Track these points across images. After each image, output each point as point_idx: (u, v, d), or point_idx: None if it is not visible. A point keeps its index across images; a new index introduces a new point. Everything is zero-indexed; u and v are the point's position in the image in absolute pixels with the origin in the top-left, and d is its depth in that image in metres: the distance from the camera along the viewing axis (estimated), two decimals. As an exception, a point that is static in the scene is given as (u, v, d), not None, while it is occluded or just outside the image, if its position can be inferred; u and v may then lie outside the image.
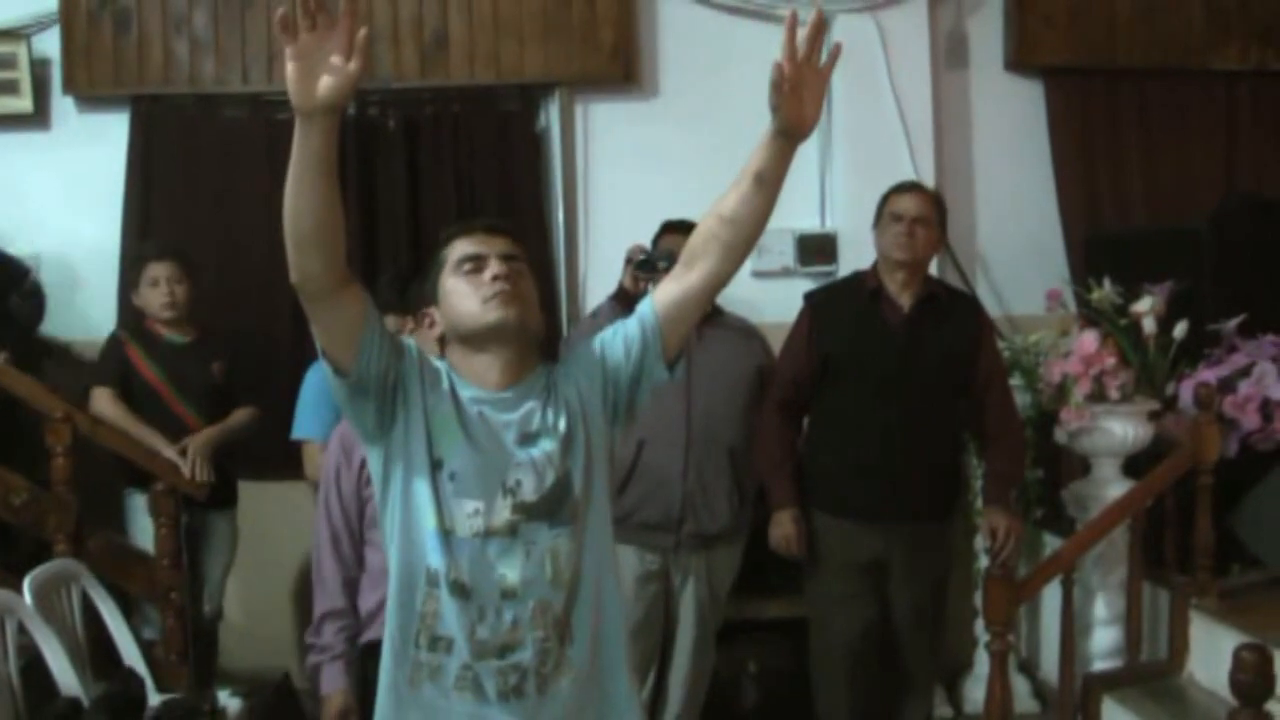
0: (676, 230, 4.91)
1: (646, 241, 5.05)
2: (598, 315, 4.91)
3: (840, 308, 4.83)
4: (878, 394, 4.64)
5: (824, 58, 2.50)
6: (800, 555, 4.80)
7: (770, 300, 5.86)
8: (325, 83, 2.23)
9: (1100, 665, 4.98)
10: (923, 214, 4.69)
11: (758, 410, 4.88)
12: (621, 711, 2.74)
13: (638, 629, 4.74)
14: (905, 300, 4.71)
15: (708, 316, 4.70)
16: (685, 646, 4.94)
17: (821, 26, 2.47)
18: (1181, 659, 4.81)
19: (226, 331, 5.68)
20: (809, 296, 4.99)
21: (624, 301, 4.78)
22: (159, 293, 5.37)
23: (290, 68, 2.23)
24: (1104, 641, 5.06)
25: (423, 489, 2.60)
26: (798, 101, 2.48)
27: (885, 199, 4.77)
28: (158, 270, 5.39)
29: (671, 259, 4.69)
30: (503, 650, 2.60)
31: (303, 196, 2.35)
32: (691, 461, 4.77)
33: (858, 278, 4.88)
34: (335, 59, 2.22)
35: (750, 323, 5.14)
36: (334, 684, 3.71)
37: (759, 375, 4.94)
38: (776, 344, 5.02)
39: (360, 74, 2.23)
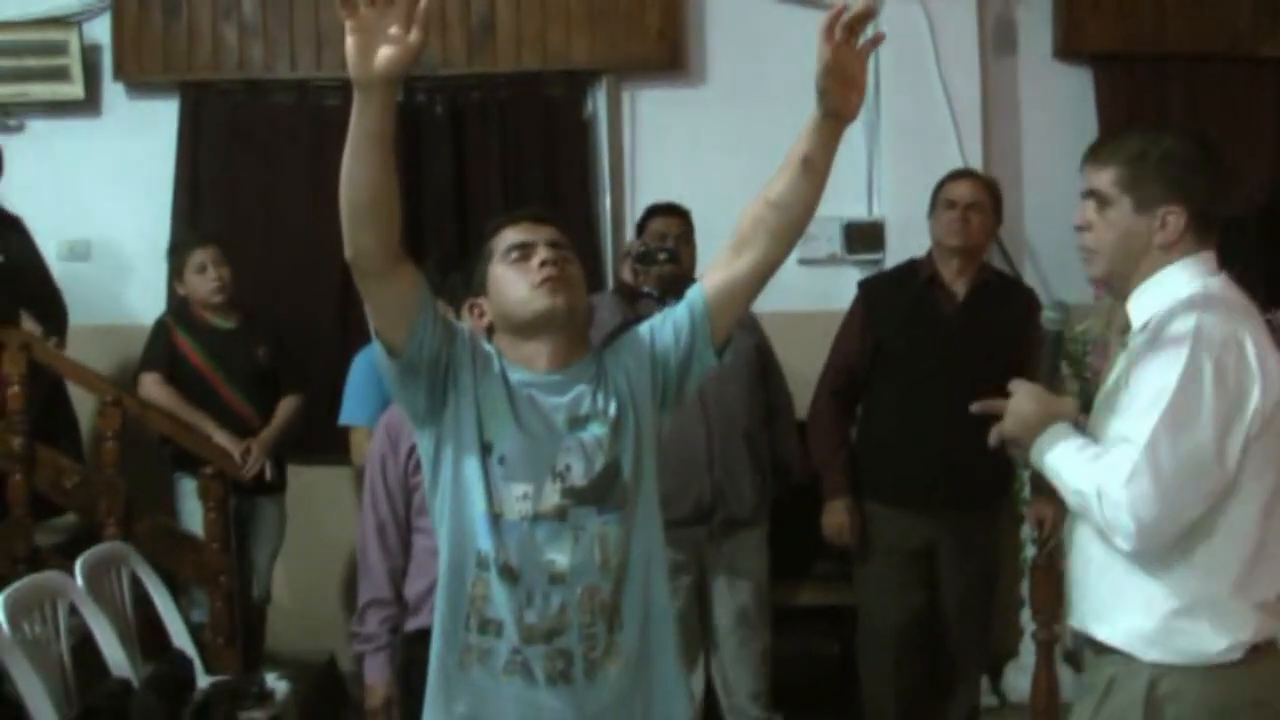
0: (662, 213, 4.92)
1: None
2: (597, 309, 4.89)
3: (894, 295, 4.82)
4: (931, 381, 4.62)
5: (863, 42, 2.49)
6: (853, 544, 4.80)
7: (817, 288, 5.86)
8: (384, 54, 2.24)
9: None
10: (977, 200, 4.69)
11: (764, 389, 4.87)
12: (670, 698, 2.74)
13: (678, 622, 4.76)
14: (960, 287, 4.70)
15: None
16: (729, 633, 4.93)
17: (867, 15, 2.46)
18: (1230, 652, 4.77)
19: (271, 316, 5.73)
20: (863, 284, 4.99)
21: (625, 295, 4.79)
22: (207, 278, 5.41)
23: (350, 41, 2.25)
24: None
25: (473, 472, 2.61)
26: (843, 83, 2.48)
27: (940, 186, 4.76)
28: (203, 255, 5.44)
29: (670, 250, 4.71)
30: (550, 635, 2.61)
31: (359, 170, 2.37)
32: (715, 450, 4.76)
33: (912, 265, 4.87)
34: (395, 30, 2.24)
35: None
36: (377, 674, 3.72)
37: (758, 352, 4.92)
38: (827, 332, 5.01)
39: (420, 46, 2.24)
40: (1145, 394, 2.61)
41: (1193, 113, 6.36)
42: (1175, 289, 2.73)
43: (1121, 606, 2.71)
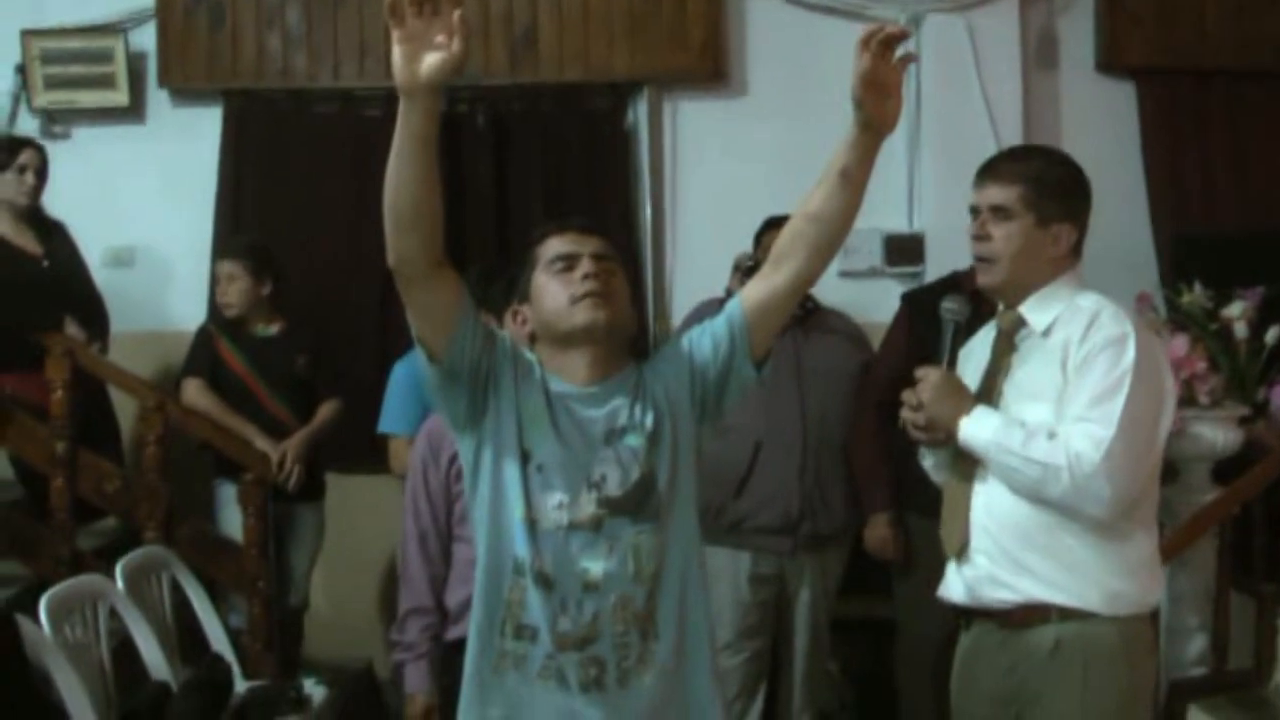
0: (778, 226, 4.90)
1: (744, 243, 5.03)
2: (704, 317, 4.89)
3: (938, 307, 4.79)
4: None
5: (899, 56, 2.55)
6: (897, 559, 4.79)
7: (857, 300, 5.82)
8: (428, 61, 2.30)
9: (1186, 673, 4.92)
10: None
11: None
12: (704, 710, 2.74)
13: (750, 631, 4.78)
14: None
15: (809, 315, 4.71)
16: (802, 647, 4.90)
17: (903, 35, 2.54)
18: (1269, 668, 4.74)
19: (312, 324, 5.74)
20: (907, 296, 4.97)
21: None
22: (220, 290, 5.48)
23: (396, 51, 2.31)
24: (1190, 649, 5.00)
25: (512, 479, 2.63)
26: (879, 93, 2.52)
27: (983, 198, 4.74)
28: (218, 269, 5.53)
29: None
30: (583, 642, 2.62)
31: (403, 175, 2.42)
32: (809, 463, 4.75)
33: (955, 278, 4.84)
34: (440, 39, 2.28)
35: (851, 319, 5.12)
36: (418, 683, 3.72)
37: (865, 369, 4.92)
38: (867, 344, 5.01)
39: (464, 55, 2.29)
40: (1101, 383, 2.97)
41: (1236, 127, 6.34)
42: (1071, 297, 3.14)
43: (1087, 572, 3.04)
